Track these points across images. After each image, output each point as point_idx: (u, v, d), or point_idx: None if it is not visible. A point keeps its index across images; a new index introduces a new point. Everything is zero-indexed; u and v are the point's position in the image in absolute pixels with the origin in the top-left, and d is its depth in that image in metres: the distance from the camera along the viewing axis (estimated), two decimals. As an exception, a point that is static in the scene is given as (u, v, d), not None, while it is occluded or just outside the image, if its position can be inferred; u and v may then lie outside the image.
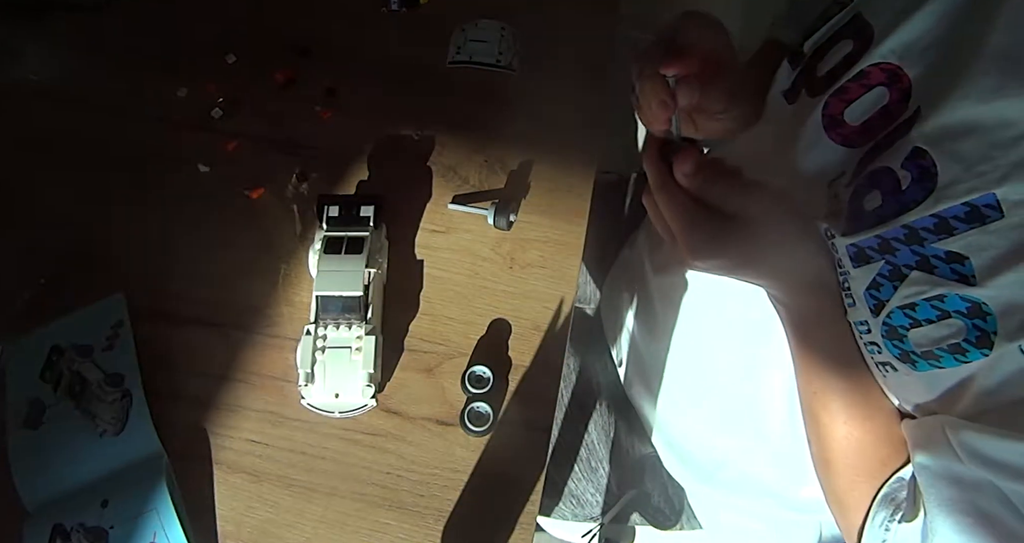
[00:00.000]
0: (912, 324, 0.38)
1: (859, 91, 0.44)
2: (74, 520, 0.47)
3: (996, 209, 0.34)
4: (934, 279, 0.36)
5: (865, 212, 0.40)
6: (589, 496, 0.69)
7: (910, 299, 0.37)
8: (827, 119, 0.45)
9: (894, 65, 0.42)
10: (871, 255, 0.39)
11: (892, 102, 0.42)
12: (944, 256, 0.36)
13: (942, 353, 0.36)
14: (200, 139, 0.66)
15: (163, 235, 0.61)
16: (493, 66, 0.70)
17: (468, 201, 0.63)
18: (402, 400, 0.54)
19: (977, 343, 0.35)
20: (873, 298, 0.40)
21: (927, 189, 0.37)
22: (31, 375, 0.53)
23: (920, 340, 0.37)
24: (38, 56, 0.70)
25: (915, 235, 0.37)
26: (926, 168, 0.37)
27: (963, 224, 0.35)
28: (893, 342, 0.39)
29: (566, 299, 0.58)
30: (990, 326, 0.34)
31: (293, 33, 0.72)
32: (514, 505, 0.51)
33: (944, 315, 0.36)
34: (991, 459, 0.34)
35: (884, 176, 0.39)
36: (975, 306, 0.35)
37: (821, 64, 0.48)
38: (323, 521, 0.50)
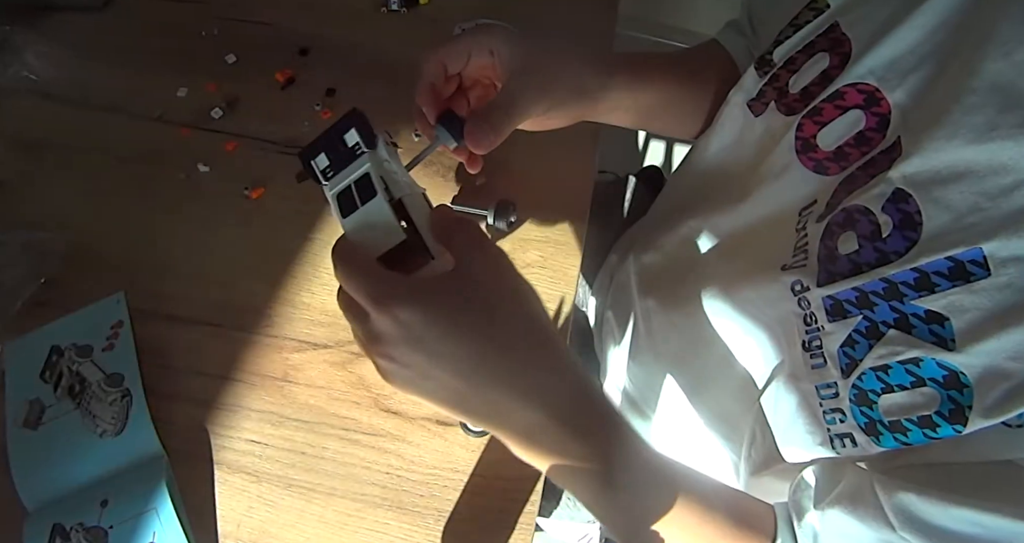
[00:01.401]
0: (884, 389, 0.34)
1: (834, 113, 0.40)
2: (74, 520, 0.47)
3: (982, 266, 0.31)
4: (911, 339, 0.33)
5: (839, 256, 0.37)
6: None
7: (884, 360, 0.34)
8: (800, 142, 0.42)
9: (872, 86, 0.38)
10: (848, 309, 0.36)
11: (868, 128, 0.39)
12: (924, 315, 0.33)
13: (911, 426, 0.33)
14: (200, 139, 0.66)
15: (163, 235, 0.61)
16: (493, 66, 0.70)
17: (468, 201, 0.63)
18: (402, 400, 0.54)
19: (950, 417, 0.31)
20: (846, 357, 0.36)
21: (910, 240, 0.33)
22: (31, 375, 0.53)
23: (890, 408, 0.34)
24: (38, 56, 0.70)
25: (894, 290, 0.34)
26: (910, 215, 0.33)
27: (946, 281, 0.32)
28: (861, 408, 0.35)
29: (566, 299, 0.58)
30: (965, 400, 0.31)
31: (293, 33, 0.72)
32: (514, 505, 0.51)
33: (919, 382, 0.33)
34: (931, 526, 0.30)
35: (862, 217, 0.36)
36: (952, 375, 0.31)
37: (795, 78, 0.44)
38: (323, 521, 0.50)
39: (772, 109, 0.47)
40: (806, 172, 0.42)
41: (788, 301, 0.40)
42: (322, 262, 0.60)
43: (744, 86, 0.50)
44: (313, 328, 0.57)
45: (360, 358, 0.56)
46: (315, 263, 0.60)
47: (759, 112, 0.48)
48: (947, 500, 0.30)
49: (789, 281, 0.40)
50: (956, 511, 0.30)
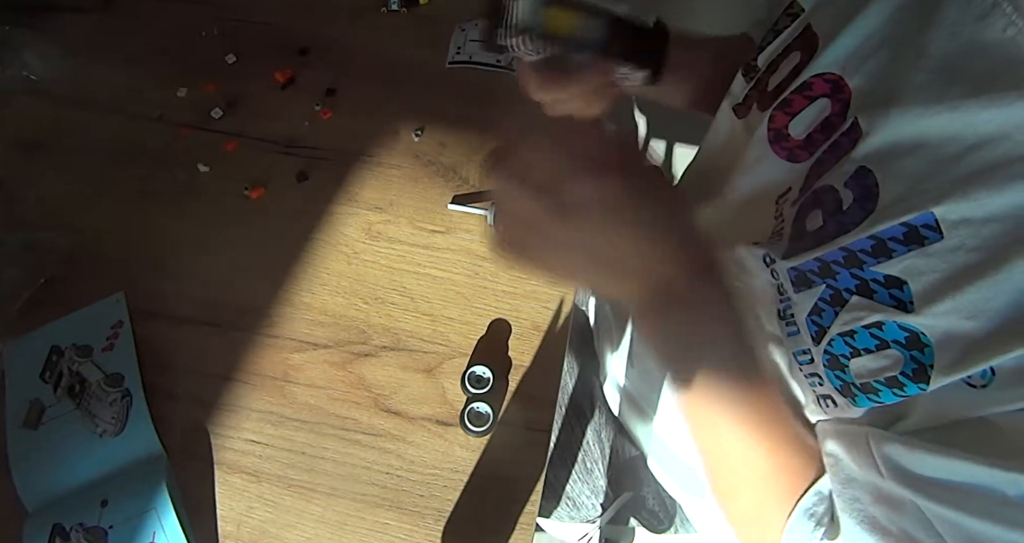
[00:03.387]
0: (852, 353, 0.35)
1: (803, 103, 0.42)
2: (74, 520, 0.47)
3: (935, 230, 0.32)
4: (873, 305, 0.34)
5: (807, 233, 0.38)
6: (585, 498, 0.69)
7: (849, 326, 0.35)
8: (772, 133, 0.44)
9: (836, 75, 0.40)
10: (812, 279, 0.37)
11: (833, 114, 0.40)
12: (883, 280, 0.34)
13: (880, 386, 0.34)
14: (200, 139, 0.66)
15: (163, 235, 0.61)
16: (493, 66, 0.70)
17: (468, 201, 0.63)
18: (402, 400, 0.54)
19: (914, 377, 0.33)
20: (815, 324, 0.37)
21: (867, 210, 0.35)
22: (31, 375, 0.53)
23: (860, 371, 0.35)
24: (38, 56, 0.70)
25: (854, 258, 0.35)
26: (869, 188, 0.35)
27: (901, 246, 0.33)
28: (835, 372, 0.37)
29: (566, 299, 0.58)
30: (927, 358, 0.32)
31: (293, 33, 0.72)
32: (514, 505, 0.51)
33: (883, 345, 0.34)
34: (913, 475, 0.32)
35: (827, 195, 0.37)
36: (913, 336, 0.33)
37: (773, 77, 0.46)
38: (323, 521, 0.50)
39: (754, 110, 0.49)
40: (779, 161, 0.44)
41: (764, 272, 0.42)
42: (322, 262, 0.60)
43: (732, 92, 0.51)
44: (313, 328, 0.57)
45: (360, 358, 0.56)
46: (315, 263, 0.60)
47: (743, 115, 0.50)
48: (929, 451, 0.32)
49: (761, 253, 0.42)
50: (935, 460, 0.31)
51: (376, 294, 0.59)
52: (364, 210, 0.63)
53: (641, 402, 0.65)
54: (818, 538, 0.36)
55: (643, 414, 0.65)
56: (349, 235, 0.61)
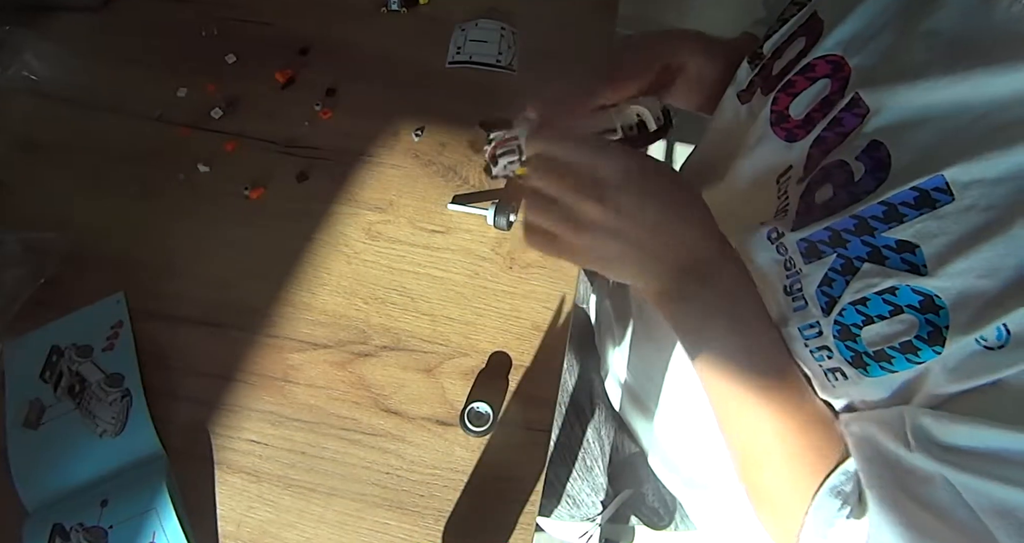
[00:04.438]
0: (865, 321, 0.36)
1: (804, 84, 0.43)
2: (74, 520, 0.47)
3: (946, 192, 0.32)
4: (885, 270, 0.35)
5: (815, 206, 0.39)
6: (585, 496, 0.69)
7: (861, 293, 0.35)
8: (774, 115, 0.45)
9: (838, 56, 0.41)
10: (823, 249, 0.38)
11: (832, 92, 0.41)
12: (895, 245, 0.34)
13: (894, 353, 0.34)
14: (200, 139, 0.66)
15: (163, 235, 0.61)
16: (493, 66, 0.70)
17: (468, 201, 0.63)
18: (402, 400, 0.54)
19: (929, 340, 0.33)
20: (825, 295, 0.38)
21: (879, 179, 0.35)
22: (31, 375, 0.53)
23: (873, 338, 0.35)
24: (38, 56, 0.70)
25: (865, 225, 0.35)
26: (880, 159, 0.36)
27: (912, 210, 0.33)
28: (846, 343, 0.37)
29: (566, 299, 0.58)
30: (942, 320, 0.32)
31: (293, 33, 0.72)
32: (514, 505, 0.51)
33: (896, 310, 0.34)
34: (943, 445, 0.32)
35: (837, 169, 0.38)
36: (927, 299, 0.33)
37: (777, 63, 0.47)
38: (323, 521, 0.50)
39: (757, 94, 0.49)
40: (779, 141, 0.45)
41: (767, 250, 0.42)
42: (322, 262, 0.60)
43: (737, 79, 0.52)
44: (313, 328, 0.57)
45: (360, 358, 0.56)
46: (315, 263, 0.60)
47: (746, 100, 0.51)
48: (957, 419, 0.32)
49: (765, 230, 0.42)
50: (964, 428, 0.31)
51: (376, 294, 0.59)
52: (364, 210, 0.63)
53: (642, 397, 0.65)
54: (844, 516, 0.37)
55: (644, 409, 0.65)
56: (349, 235, 0.61)
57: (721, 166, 0.52)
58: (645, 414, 0.65)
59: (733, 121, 0.52)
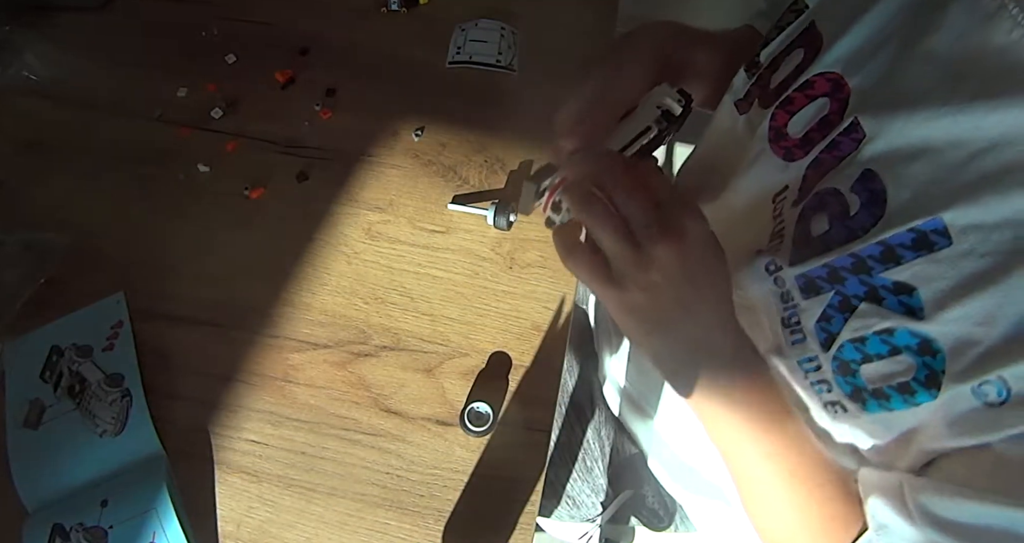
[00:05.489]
0: (863, 359, 0.35)
1: (803, 102, 0.42)
2: (74, 520, 0.47)
3: (944, 235, 0.32)
4: (882, 311, 0.34)
5: (812, 238, 0.38)
6: (585, 497, 0.69)
7: (860, 332, 0.35)
8: (772, 132, 0.44)
9: (837, 74, 0.40)
10: (821, 285, 0.37)
11: (831, 113, 0.40)
12: (892, 287, 0.34)
13: (892, 392, 0.34)
14: (200, 139, 0.66)
15: (163, 235, 0.61)
16: (493, 66, 0.70)
17: (468, 201, 0.63)
18: (402, 400, 0.54)
19: (926, 383, 0.32)
20: (823, 331, 0.37)
21: (875, 216, 0.35)
22: (31, 375, 0.53)
23: (871, 376, 0.35)
24: (38, 56, 0.70)
25: (862, 264, 0.35)
26: (876, 192, 0.35)
27: (910, 252, 0.33)
28: (845, 378, 0.37)
29: (566, 299, 0.58)
30: (938, 365, 0.32)
31: (293, 33, 0.72)
32: (514, 505, 0.51)
33: (894, 350, 0.34)
34: (946, 521, 0.31)
35: (832, 199, 0.37)
36: (924, 342, 0.32)
37: (775, 75, 0.46)
38: (323, 521, 0.50)
39: (755, 106, 0.48)
40: (776, 160, 0.44)
41: (764, 282, 0.41)
42: (322, 262, 0.60)
43: (734, 87, 0.51)
44: (313, 328, 0.57)
45: (360, 358, 0.56)
46: (315, 263, 0.60)
47: (744, 110, 0.50)
48: (960, 495, 0.31)
49: (764, 262, 0.41)
50: (967, 505, 0.31)
51: (376, 294, 0.59)
52: (364, 210, 0.63)
53: (641, 402, 0.65)
54: None
55: (643, 414, 0.65)
56: (349, 235, 0.61)
57: (718, 179, 0.51)
58: (645, 419, 0.65)
59: (730, 131, 0.52)
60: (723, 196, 0.50)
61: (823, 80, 0.41)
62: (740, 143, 0.49)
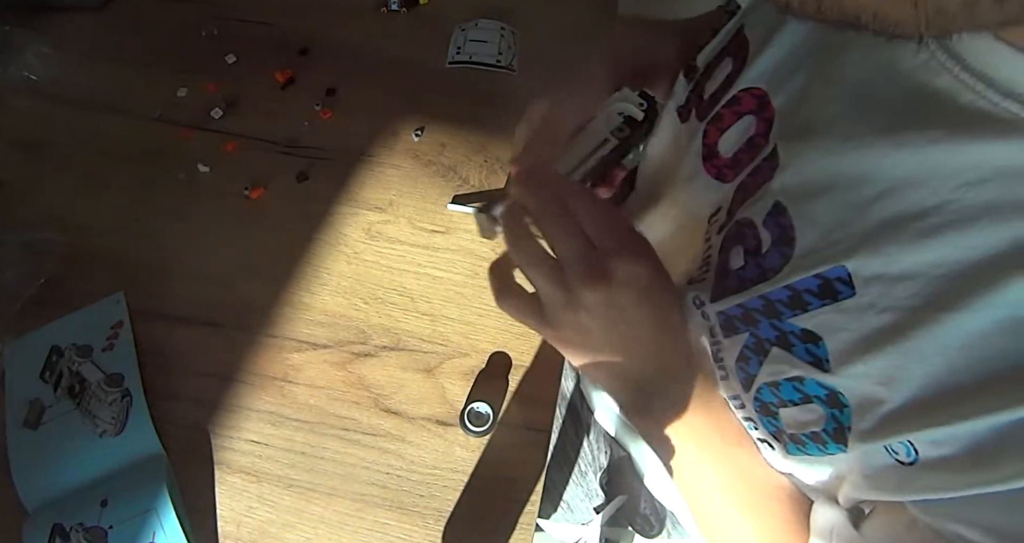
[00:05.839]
0: (779, 403, 0.34)
1: (732, 119, 0.40)
2: (74, 520, 0.47)
3: (848, 284, 0.30)
4: (792, 359, 0.32)
5: (729, 271, 0.37)
6: (579, 501, 0.68)
7: (773, 377, 0.34)
8: (705, 149, 0.42)
9: (762, 90, 0.38)
10: (737, 325, 0.36)
11: (757, 134, 0.38)
12: (800, 334, 0.32)
13: (806, 440, 0.33)
14: (200, 139, 0.66)
15: (163, 235, 0.61)
16: (493, 66, 0.70)
17: (468, 201, 0.63)
18: (402, 400, 0.54)
19: (834, 436, 0.31)
20: (742, 371, 0.36)
21: (785, 256, 0.33)
22: (31, 375, 0.53)
23: (788, 422, 0.34)
24: (38, 56, 0.70)
25: (772, 308, 0.33)
26: (785, 230, 0.33)
27: (816, 299, 0.31)
28: (767, 418, 0.35)
29: (566, 299, 0.58)
30: (845, 420, 0.30)
31: (293, 33, 0.72)
32: (514, 505, 0.51)
33: (806, 399, 0.32)
34: None
35: (747, 231, 0.36)
36: (832, 394, 0.31)
37: (709, 84, 0.44)
38: (323, 521, 0.50)
39: (692, 117, 0.46)
40: (709, 179, 0.42)
41: (694, 315, 0.40)
42: (322, 262, 0.60)
43: (675, 93, 0.49)
44: (313, 328, 0.57)
45: (360, 358, 0.56)
46: (315, 263, 0.60)
47: (685, 119, 0.48)
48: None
49: (691, 295, 0.40)
50: None
51: (376, 294, 0.59)
52: (364, 210, 0.63)
53: None
54: None
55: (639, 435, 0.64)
56: (349, 235, 0.61)
57: (659, 191, 0.49)
58: (639, 438, 0.64)
59: (674, 140, 0.50)
60: (664, 210, 0.48)
61: (748, 96, 0.39)
62: (681, 154, 0.47)
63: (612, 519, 0.68)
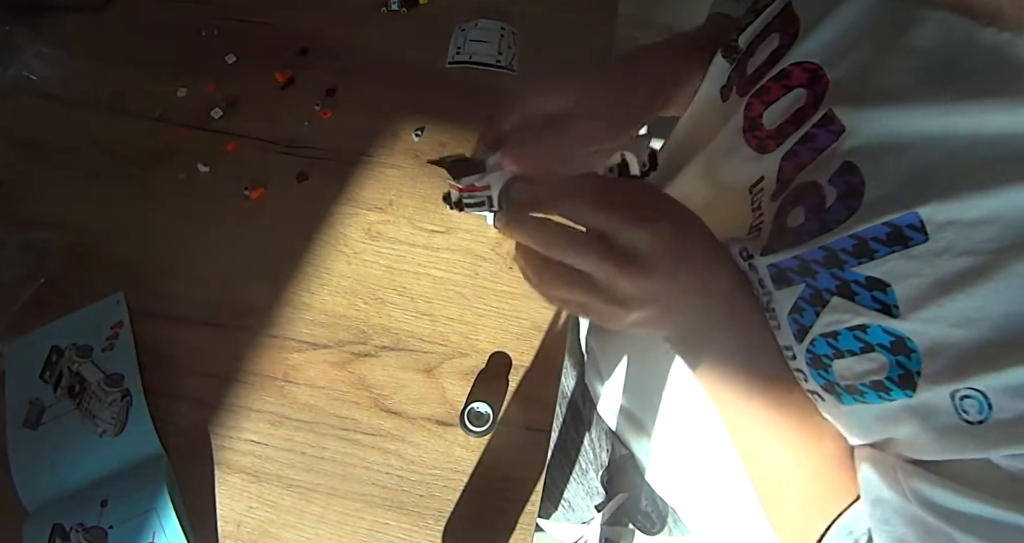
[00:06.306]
0: (835, 354, 0.34)
1: (779, 92, 0.41)
2: (74, 520, 0.47)
3: (920, 231, 0.30)
4: (855, 307, 0.33)
5: (787, 229, 0.37)
6: (580, 500, 0.69)
7: (832, 327, 0.34)
8: (747, 121, 0.43)
9: (816, 65, 0.39)
10: (792, 277, 0.36)
11: (807, 105, 0.39)
12: (864, 282, 0.32)
13: (865, 389, 0.33)
14: (200, 139, 0.66)
15: (163, 235, 0.61)
16: (493, 66, 0.70)
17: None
18: (402, 400, 0.54)
19: (900, 382, 0.31)
20: (796, 323, 0.36)
21: (851, 208, 0.33)
22: (31, 375, 0.53)
23: (843, 373, 0.34)
24: (38, 56, 0.70)
25: (834, 257, 0.34)
26: (854, 185, 0.34)
27: (884, 247, 0.32)
28: (818, 371, 0.36)
29: (566, 299, 0.58)
30: (914, 365, 0.31)
31: (293, 33, 0.72)
32: (514, 506, 0.51)
33: (867, 348, 0.33)
34: (942, 508, 0.31)
35: (810, 191, 0.36)
36: (898, 341, 0.31)
37: (752, 60, 0.45)
38: (323, 521, 0.50)
39: (733, 94, 0.47)
40: (749, 151, 0.43)
41: (742, 264, 0.41)
42: (322, 262, 0.60)
43: (712, 74, 0.50)
44: (313, 328, 0.57)
45: (360, 358, 0.56)
46: (315, 263, 0.60)
47: (726, 97, 0.49)
48: (955, 491, 0.31)
49: (737, 248, 0.40)
50: (962, 500, 0.30)
51: (376, 294, 0.59)
52: (364, 210, 0.63)
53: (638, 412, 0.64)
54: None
55: (641, 426, 0.64)
56: (349, 235, 0.61)
57: (695, 164, 0.50)
58: (641, 432, 0.65)
59: (711, 119, 0.50)
60: (701, 182, 0.49)
61: (800, 70, 0.40)
62: (714, 130, 0.48)
63: (613, 517, 0.68)
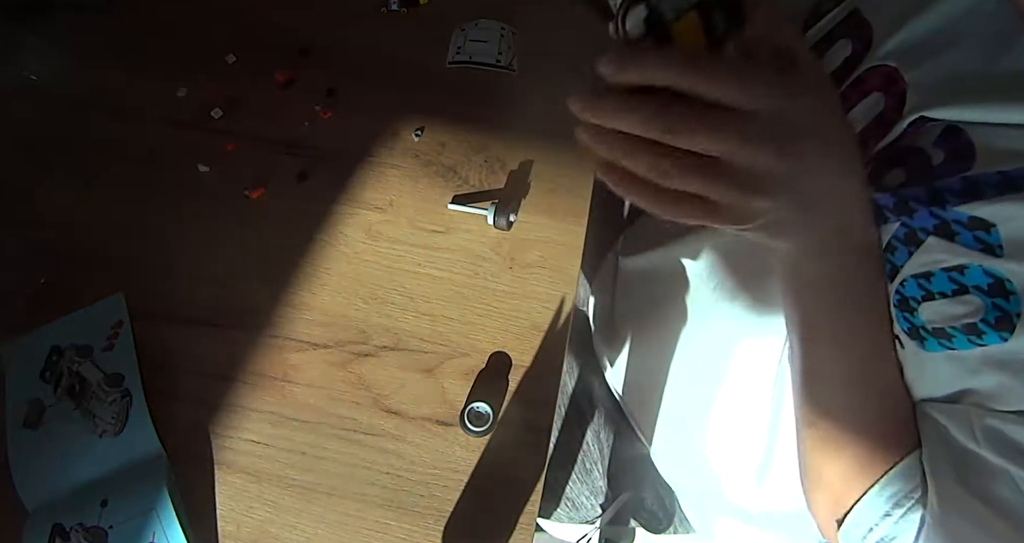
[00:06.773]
0: (925, 296, 0.34)
1: (856, 98, 0.41)
2: (74, 520, 0.47)
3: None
4: (954, 248, 0.32)
5: (883, 183, 0.37)
6: (584, 499, 0.69)
7: (926, 268, 0.33)
8: None
9: (891, 67, 0.39)
10: (887, 215, 0.36)
11: (887, 109, 0.39)
12: (967, 222, 0.32)
13: (956, 332, 0.33)
14: (200, 139, 0.66)
15: (163, 235, 0.61)
16: (493, 66, 0.70)
17: (468, 201, 0.63)
18: (402, 400, 0.54)
19: (996, 325, 0.31)
20: (887, 263, 0.36)
21: (963, 168, 0.33)
22: (31, 375, 0.53)
23: (932, 316, 0.34)
24: (38, 56, 0.70)
25: (937, 196, 0.33)
26: (963, 143, 0.33)
27: (994, 190, 0.31)
28: (904, 314, 0.35)
29: (566, 299, 0.58)
30: (1012, 307, 0.30)
31: (293, 33, 0.72)
32: (514, 506, 0.51)
33: (961, 289, 0.32)
34: (1010, 444, 0.31)
35: (912, 154, 0.36)
36: (998, 282, 0.31)
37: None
38: (323, 521, 0.50)
39: None
40: None
41: None
42: (322, 262, 0.60)
43: None
44: (313, 328, 0.57)
45: (360, 358, 0.56)
46: (315, 263, 0.60)
47: None
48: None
49: None
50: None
51: (376, 294, 0.59)
52: (364, 210, 0.63)
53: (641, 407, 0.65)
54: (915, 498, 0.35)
55: (648, 407, 0.65)
56: (349, 235, 0.61)
57: None
58: (648, 411, 0.65)
59: None
60: None
61: (875, 74, 0.40)
62: None
63: (617, 516, 0.68)
